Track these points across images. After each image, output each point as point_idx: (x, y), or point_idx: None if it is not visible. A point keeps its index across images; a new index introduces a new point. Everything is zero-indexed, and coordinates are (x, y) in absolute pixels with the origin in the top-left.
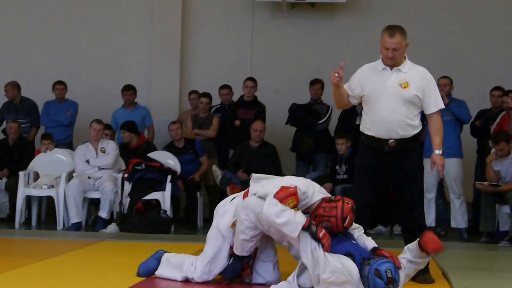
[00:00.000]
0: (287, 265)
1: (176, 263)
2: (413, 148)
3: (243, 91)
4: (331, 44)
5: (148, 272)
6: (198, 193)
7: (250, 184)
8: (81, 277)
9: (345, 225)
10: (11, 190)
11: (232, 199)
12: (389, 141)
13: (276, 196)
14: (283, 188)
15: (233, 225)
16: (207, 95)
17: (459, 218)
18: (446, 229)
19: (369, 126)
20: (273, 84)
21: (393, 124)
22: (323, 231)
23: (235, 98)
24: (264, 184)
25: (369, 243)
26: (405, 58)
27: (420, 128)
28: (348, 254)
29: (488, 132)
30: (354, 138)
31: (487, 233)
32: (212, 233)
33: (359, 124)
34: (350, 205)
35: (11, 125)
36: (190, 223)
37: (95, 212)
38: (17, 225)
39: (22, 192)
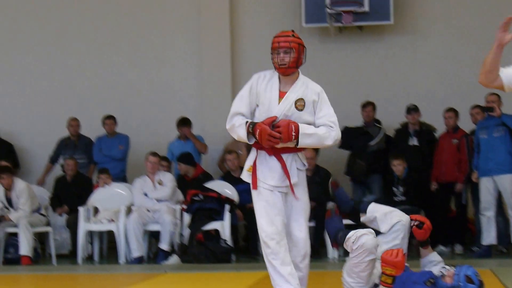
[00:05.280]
0: None
1: None
2: None
3: None
4: (380, 66)
5: None
6: None
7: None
8: None
9: None
10: (72, 226)
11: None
12: None
13: (383, 255)
14: (394, 254)
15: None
16: None
17: None
18: (507, 246)
19: None
20: None
21: None
22: None
23: None
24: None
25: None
26: None
27: None
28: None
29: None
30: (408, 159)
31: None
32: None
33: (412, 145)
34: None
35: (68, 162)
36: (250, 251)
37: (155, 244)
38: (79, 260)
39: (83, 227)
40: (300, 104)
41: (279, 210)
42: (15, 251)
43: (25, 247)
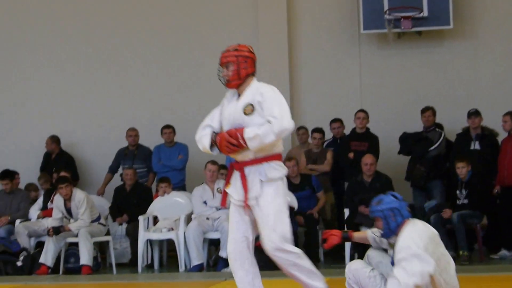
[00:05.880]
0: None
1: None
2: None
3: (354, 123)
4: (440, 71)
5: None
6: (317, 227)
7: None
8: None
9: None
10: (132, 235)
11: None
12: None
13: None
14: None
15: None
16: (319, 130)
17: None
18: None
19: None
20: (384, 114)
21: None
22: None
23: (345, 130)
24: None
25: None
26: None
27: None
28: None
29: None
30: (470, 163)
31: None
32: None
33: (474, 149)
34: None
35: (126, 171)
36: (310, 258)
37: (215, 253)
38: (139, 269)
39: (143, 236)
40: (248, 109)
41: (239, 226)
42: (75, 261)
43: (85, 257)
